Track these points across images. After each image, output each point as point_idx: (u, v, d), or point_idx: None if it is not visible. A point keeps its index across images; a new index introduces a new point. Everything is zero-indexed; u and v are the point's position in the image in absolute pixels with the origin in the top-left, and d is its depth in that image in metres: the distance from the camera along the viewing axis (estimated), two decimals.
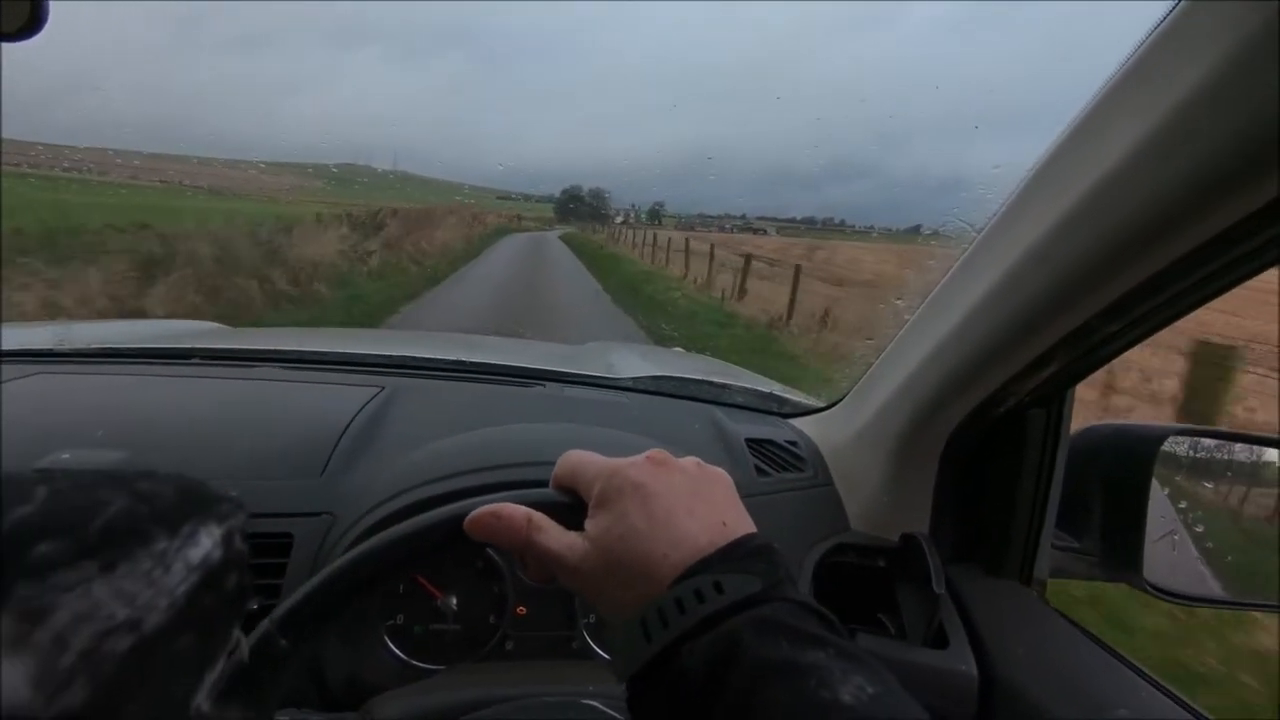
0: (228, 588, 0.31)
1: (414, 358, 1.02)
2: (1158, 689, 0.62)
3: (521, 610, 0.73)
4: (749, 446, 0.87)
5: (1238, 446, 0.73)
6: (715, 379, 1.09)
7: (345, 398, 0.87)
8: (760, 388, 1.10)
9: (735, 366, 1.42)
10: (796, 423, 0.96)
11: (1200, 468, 0.73)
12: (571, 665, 0.72)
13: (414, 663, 0.70)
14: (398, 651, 0.70)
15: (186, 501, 0.31)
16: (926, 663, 0.66)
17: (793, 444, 0.88)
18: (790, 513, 0.80)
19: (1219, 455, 0.73)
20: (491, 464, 0.72)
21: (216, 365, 0.99)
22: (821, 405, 0.97)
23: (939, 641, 0.68)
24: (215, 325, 1.60)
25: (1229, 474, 0.74)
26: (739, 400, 1.03)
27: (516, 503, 0.43)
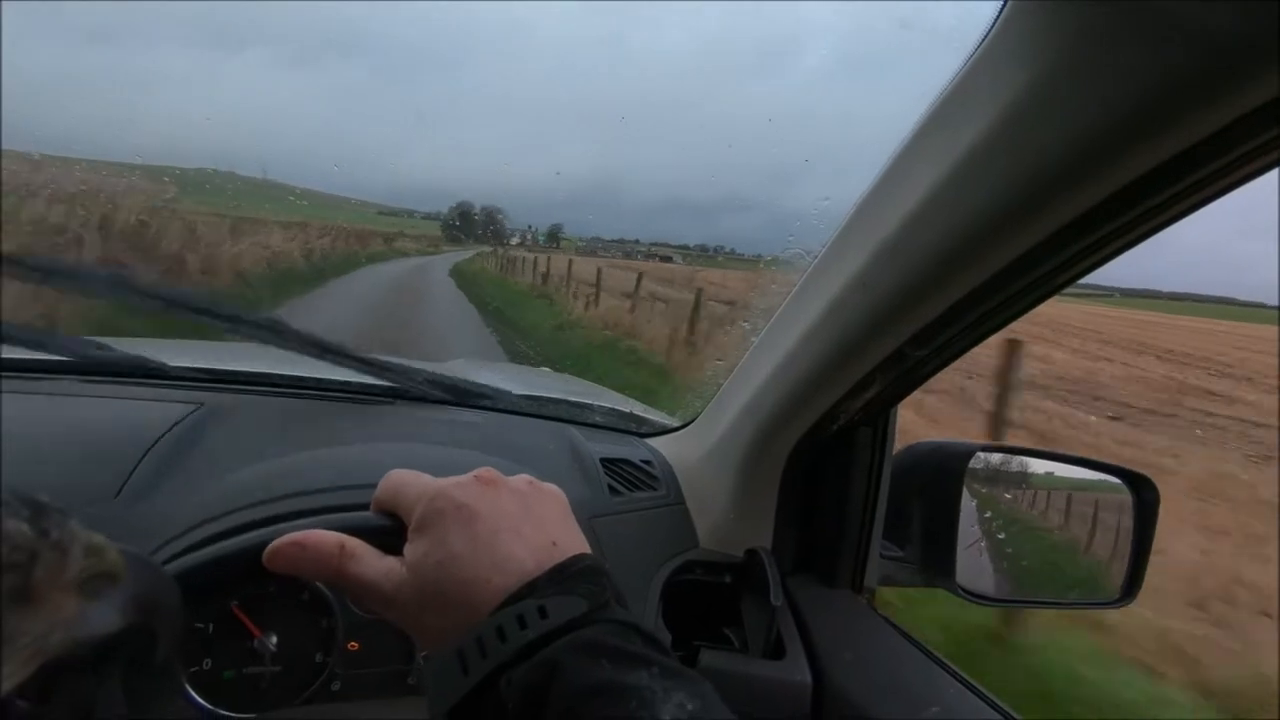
0: None
1: (242, 372, 0.92)
2: (966, 687, 0.68)
3: (354, 645, 0.68)
4: (604, 466, 0.86)
5: (1031, 461, 0.82)
6: (576, 398, 1.09)
7: (153, 414, 0.77)
8: (621, 407, 1.10)
9: (599, 387, 1.41)
10: (654, 442, 0.97)
11: (1002, 480, 0.81)
12: (405, 703, 0.68)
13: (221, 712, 0.63)
14: (202, 702, 0.63)
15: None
16: (764, 674, 0.68)
17: (647, 463, 0.89)
18: (641, 531, 0.80)
19: (1014, 469, 0.81)
20: (313, 488, 0.66)
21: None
22: (677, 425, 0.99)
23: (777, 652, 0.70)
24: None
25: (1023, 486, 0.82)
26: (598, 420, 1.03)
27: (331, 528, 0.40)
